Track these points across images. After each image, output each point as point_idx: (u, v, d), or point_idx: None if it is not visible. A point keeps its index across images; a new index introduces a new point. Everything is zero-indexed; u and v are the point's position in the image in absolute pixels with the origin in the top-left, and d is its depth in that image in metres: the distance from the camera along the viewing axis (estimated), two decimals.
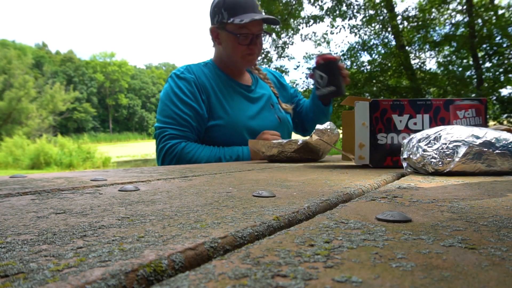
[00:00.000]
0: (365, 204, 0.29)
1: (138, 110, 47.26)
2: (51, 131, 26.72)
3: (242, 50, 1.21)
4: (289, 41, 7.97)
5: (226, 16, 1.17)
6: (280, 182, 0.45)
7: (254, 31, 1.19)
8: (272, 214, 0.25)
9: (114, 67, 46.18)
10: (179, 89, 1.19)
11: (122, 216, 0.25)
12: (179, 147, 1.12)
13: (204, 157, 1.12)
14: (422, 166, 0.55)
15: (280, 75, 1.53)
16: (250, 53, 1.23)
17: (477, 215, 0.25)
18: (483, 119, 0.67)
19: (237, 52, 1.22)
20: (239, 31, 1.18)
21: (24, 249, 0.17)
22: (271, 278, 0.13)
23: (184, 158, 1.12)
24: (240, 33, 1.18)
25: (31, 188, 0.39)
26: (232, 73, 1.30)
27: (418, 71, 7.15)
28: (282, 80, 1.49)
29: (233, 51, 1.22)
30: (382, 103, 0.68)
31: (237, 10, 1.16)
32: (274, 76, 1.49)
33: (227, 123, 1.19)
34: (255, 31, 1.20)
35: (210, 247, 0.18)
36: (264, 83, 1.39)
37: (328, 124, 0.92)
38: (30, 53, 34.20)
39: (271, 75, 1.48)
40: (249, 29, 1.18)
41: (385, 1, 6.86)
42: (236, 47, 1.21)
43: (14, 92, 24.11)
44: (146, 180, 0.49)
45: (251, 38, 1.20)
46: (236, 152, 1.14)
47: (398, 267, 0.14)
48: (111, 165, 15.96)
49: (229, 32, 1.20)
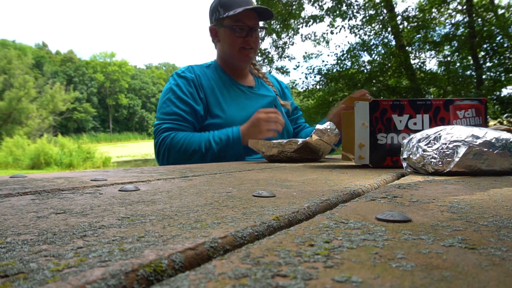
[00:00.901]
0: (365, 204, 0.29)
1: (138, 110, 47.27)
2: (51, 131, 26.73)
3: (239, 43, 1.25)
4: (290, 41, 7.97)
5: (222, 12, 1.23)
6: (280, 182, 0.45)
7: (249, 24, 1.24)
8: (272, 214, 0.25)
9: (114, 67, 46.19)
10: (177, 87, 1.21)
11: (122, 216, 0.25)
12: (169, 137, 1.13)
13: (194, 142, 1.11)
14: (422, 166, 0.55)
15: (286, 85, 1.56)
16: (247, 46, 1.26)
17: (477, 215, 0.25)
18: (483, 119, 0.67)
19: (234, 45, 1.25)
20: (235, 23, 1.23)
21: (24, 249, 0.17)
22: (271, 278, 0.13)
23: (175, 147, 1.12)
24: (236, 25, 1.23)
25: (31, 188, 0.39)
26: (234, 73, 1.32)
27: (418, 71, 7.14)
28: (286, 91, 1.51)
29: (230, 44, 1.26)
30: (382, 103, 0.68)
31: (231, 5, 1.22)
32: (278, 84, 1.51)
33: (224, 121, 1.20)
34: (250, 23, 1.24)
35: (210, 247, 0.18)
36: (268, 86, 1.41)
37: (328, 124, 0.92)
38: (30, 53, 34.21)
39: (276, 82, 1.51)
40: (244, 22, 1.23)
41: (385, 1, 6.86)
42: (232, 40, 1.25)
43: (14, 92, 24.12)
44: (146, 180, 0.49)
45: (247, 30, 1.24)
46: (225, 133, 1.12)
47: (398, 267, 0.14)
48: (111, 165, 15.96)
49: (226, 27, 1.24)
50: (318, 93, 7.67)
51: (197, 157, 1.11)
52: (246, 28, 1.24)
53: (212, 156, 1.11)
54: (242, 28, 1.23)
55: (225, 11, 1.22)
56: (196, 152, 1.11)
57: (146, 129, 46.72)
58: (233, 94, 1.26)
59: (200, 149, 1.11)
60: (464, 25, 6.34)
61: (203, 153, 1.11)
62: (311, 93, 7.73)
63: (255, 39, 1.28)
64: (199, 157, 1.11)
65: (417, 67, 7.26)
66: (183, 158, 1.12)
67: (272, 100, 1.34)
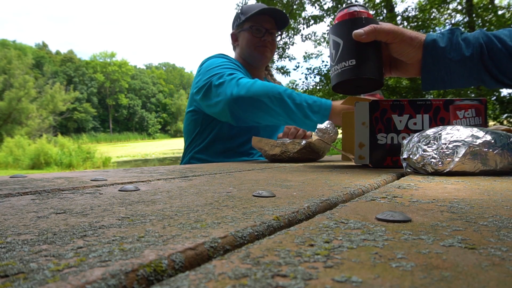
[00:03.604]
0: (365, 204, 0.29)
1: (138, 110, 47.27)
2: (51, 131, 26.72)
3: (255, 42, 1.32)
4: (290, 42, 7.97)
5: (243, 18, 1.33)
6: (280, 182, 0.45)
7: (266, 27, 1.32)
8: (272, 214, 0.25)
9: (114, 67, 46.19)
10: (226, 59, 1.26)
11: (122, 216, 0.25)
12: (236, 78, 1.07)
13: (273, 86, 1.02)
14: (422, 166, 0.55)
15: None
16: (264, 45, 1.33)
17: (477, 215, 0.25)
18: (483, 119, 0.67)
19: (251, 44, 1.32)
20: (253, 24, 1.32)
21: (24, 249, 0.17)
22: (271, 278, 0.13)
23: (250, 89, 1.02)
24: (253, 25, 1.31)
25: (31, 188, 0.39)
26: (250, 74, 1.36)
27: None
28: None
29: (248, 43, 1.33)
30: (382, 103, 0.68)
31: (251, 11, 1.31)
32: None
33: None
34: (267, 27, 1.32)
35: (210, 247, 0.18)
36: None
37: (327, 123, 0.92)
38: (30, 53, 34.21)
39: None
40: (261, 25, 1.31)
41: (385, 1, 6.86)
42: (250, 39, 1.32)
43: (14, 92, 24.11)
44: (146, 180, 0.49)
45: (263, 32, 1.32)
46: (312, 97, 1.03)
47: (398, 267, 0.14)
48: (111, 165, 15.96)
49: (244, 29, 1.33)
50: (318, 94, 7.67)
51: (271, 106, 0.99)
52: (263, 29, 1.31)
53: (287, 108, 0.99)
54: (259, 29, 1.31)
55: (245, 16, 1.32)
56: (276, 98, 0.99)
57: (146, 129, 46.71)
58: None
59: (281, 96, 0.99)
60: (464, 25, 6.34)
61: (284, 101, 0.99)
62: (311, 94, 7.73)
63: (272, 41, 1.35)
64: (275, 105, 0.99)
65: None
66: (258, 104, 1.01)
67: None
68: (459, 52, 0.63)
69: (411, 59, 0.66)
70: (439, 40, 0.64)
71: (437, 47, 0.63)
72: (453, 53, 0.63)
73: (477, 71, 0.64)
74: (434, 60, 0.64)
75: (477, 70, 0.64)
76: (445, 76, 0.65)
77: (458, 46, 0.63)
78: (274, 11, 1.31)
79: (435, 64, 0.64)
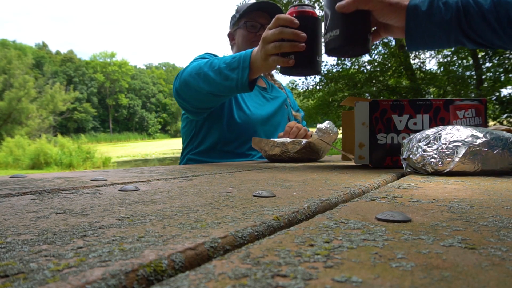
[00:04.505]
0: (365, 204, 0.29)
1: (138, 110, 47.26)
2: (51, 131, 26.72)
3: (251, 37, 1.31)
4: None
5: (237, 16, 1.33)
6: (280, 182, 0.45)
7: (261, 22, 1.31)
8: (272, 214, 0.25)
9: (114, 67, 46.19)
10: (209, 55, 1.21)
11: (122, 216, 0.25)
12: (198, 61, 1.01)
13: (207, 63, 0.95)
14: (422, 166, 0.55)
15: (289, 91, 1.62)
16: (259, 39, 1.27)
17: (477, 215, 0.25)
18: (483, 119, 0.67)
19: (247, 39, 1.32)
20: (247, 20, 1.32)
21: (24, 249, 0.17)
22: (271, 278, 0.13)
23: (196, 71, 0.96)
24: (248, 21, 1.31)
25: (31, 188, 0.39)
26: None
27: (418, 71, 7.14)
28: (289, 95, 1.57)
29: (243, 40, 1.32)
30: (382, 103, 0.68)
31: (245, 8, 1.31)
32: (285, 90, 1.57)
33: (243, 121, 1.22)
34: (262, 22, 1.31)
35: (210, 247, 0.18)
36: (278, 89, 1.48)
37: (327, 123, 0.92)
38: (30, 53, 34.21)
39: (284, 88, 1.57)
40: (255, 20, 1.31)
41: None
42: (245, 36, 1.32)
43: (14, 92, 24.11)
44: (146, 180, 0.49)
45: (258, 27, 1.31)
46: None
47: (398, 267, 0.14)
48: (111, 165, 15.96)
49: (239, 27, 1.33)
50: (318, 94, 7.67)
51: (204, 78, 0.94)
52: (258, 25, 1.31)
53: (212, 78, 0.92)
54: (254, 25, 1.31)
55: (239, 14, 1.32)
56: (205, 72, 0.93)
57: (146, 129, 46.70)
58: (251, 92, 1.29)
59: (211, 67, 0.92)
60: None
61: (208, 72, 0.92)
62: (311, 94, 7.73)
63: None
64: (205, 77, 0.93)
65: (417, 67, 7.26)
66: (196, 80, 0.95)
67: (283, 101, 1.40)
68: (439, 16, 0.67)
69: (395, 23, 0.70)
70: (420, 5, 0.68)
71: (419, 11, 0.67)
72: (433, 17, 0.67)
73: (455, 34, 0.68)
74: (416, 24, 0.68)
75: (455, 33, 0.68)
76: (428, 39, 0.70)
77: (439, 10, 0.67)
78: (268, 5, 1.31)
79: (417, 28, 0.69)
